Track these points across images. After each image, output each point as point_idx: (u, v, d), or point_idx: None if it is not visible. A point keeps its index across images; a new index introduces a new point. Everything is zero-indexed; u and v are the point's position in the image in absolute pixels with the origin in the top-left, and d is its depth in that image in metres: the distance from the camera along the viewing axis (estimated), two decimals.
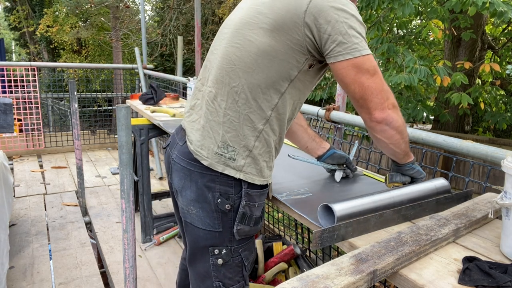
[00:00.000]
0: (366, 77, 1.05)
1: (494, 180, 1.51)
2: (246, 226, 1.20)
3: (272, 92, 1.12)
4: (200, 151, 1.17)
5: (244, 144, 1.14)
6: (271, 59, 1.09)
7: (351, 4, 1.09)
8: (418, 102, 5.44)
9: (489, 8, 4.10)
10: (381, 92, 1.07)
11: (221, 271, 1.24)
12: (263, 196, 1.22)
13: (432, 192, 1.23)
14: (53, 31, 13.11)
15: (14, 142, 4.88)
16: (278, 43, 1.08)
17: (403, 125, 1.13)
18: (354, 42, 1.04)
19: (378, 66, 1.08)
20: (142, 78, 5.13)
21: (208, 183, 1.16)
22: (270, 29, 1.09)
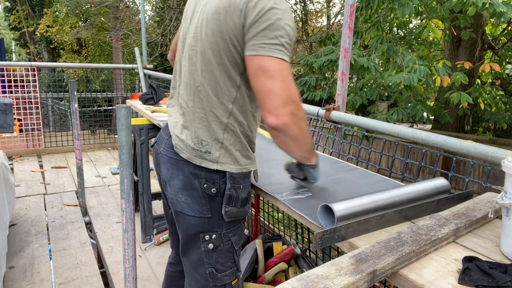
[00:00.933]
0: (266, 78, 1.07)
1: (494, 180, 1.51)
2: (233, 208, 1.26)
3: (230, 86, 1.18)
4: (180, 145, 1.27)
5: (215, 138, 1.22)
6: (220, 56, 1.16)
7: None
8: (418, 102, 5.44)
9: (488, 9, 4.10)
10: (278, 96, 1.06)
11: (212, 256, 1.29)
12: (247, 178, 1.29)
13: (432, 192, 1.23)
14: (53, 31, 13.11)
15: (14, 142, 4.88)
16: (222, 40, 1.15)
17: (301, 133, 1.13)
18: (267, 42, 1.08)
19: (289, 70, 1.09)
20: (142, 78, 5.13)
21: (194, 171, 1.24)
22: (215, 28, 1.16)
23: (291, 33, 1.11)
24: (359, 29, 5.52)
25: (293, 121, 1.08)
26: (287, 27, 1.09)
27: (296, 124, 1.09)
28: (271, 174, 1.56)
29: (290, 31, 1.11)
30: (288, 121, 1.07)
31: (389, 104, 8.23)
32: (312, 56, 5.89)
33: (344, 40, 2.22)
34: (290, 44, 1.11)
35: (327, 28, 13.04)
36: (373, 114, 5.27)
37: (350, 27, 2.20)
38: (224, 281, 1.33)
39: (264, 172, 1.58)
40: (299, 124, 1.10)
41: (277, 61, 1.07)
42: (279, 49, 1.08)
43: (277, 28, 1.08)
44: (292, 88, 1.09)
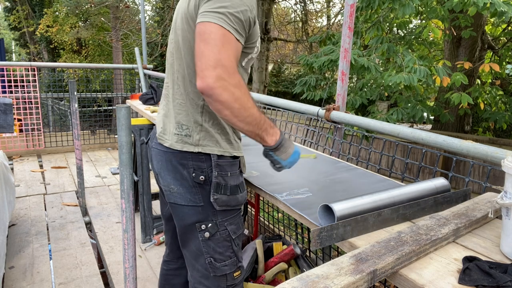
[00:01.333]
0: (200, 41, 1.07)
1: (494, 180, 1.51)
2: (222, 196, 1.26)
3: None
4: (163, 136, 1.31)
5: (194, 121, 1.25)
6: (188, 40, 1.20)
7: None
8: (418, 102, 5.45)
9: (489, 8, 4.10)
10: (206, 58, 1.04)
11: (210, 245, 1.31)
12: (235, 166, 1.30)
13: (432, 191, 1.23)
14: (53, 31, 13.12)
15: (14, 142, 4.88)
16: (187, 25, 1.20)
17: (234, 101, 1.07)
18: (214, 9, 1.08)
19: (228, 39, 1.07)
20: (142, 78, 5.13)
21: (182, 161, 1.26)
22: (182, 17, 1.22)
23: (238, 3, 1.09)
24: (359, 29, 5.52)
25: (220, 85, 1.03)
26: (239, 6, 1.09)
27: (225, 89, 1.04)
28: (271, 174, 1.56)
29: (237, 2, 1.09)
30: (214, 84, 1.03)
31: (389, 104, 8.23)
32: (312, 56, 5.89)
33: (344, 40, 2.22)
34: (235, 15, 1.08)
35: (327, 28, 13.04)
36: (373, 114, 5.28)
37: (350, 27, 2.20)
38: (224, 271, 1.34)
39: (264, 172, 1.58)
40: (229, 90, 1.04)
41: (215, 26, 1.06)
42: (220, 16, 1.06)
43: (226, 2, 1.08)
44: (223, 53, 1.05)
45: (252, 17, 1.15)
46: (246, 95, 1.10)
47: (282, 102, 2.65)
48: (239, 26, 1.10)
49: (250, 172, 1.56)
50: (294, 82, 6.36)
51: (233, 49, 1.08)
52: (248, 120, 1.12)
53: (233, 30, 1.08)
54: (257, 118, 1.14)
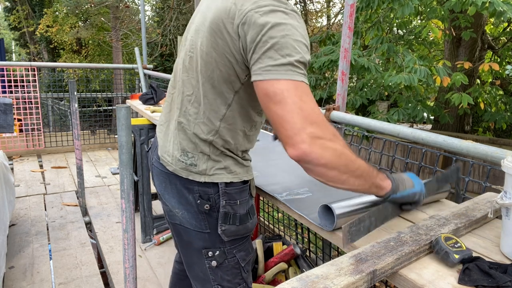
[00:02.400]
0: (274, 104, 0.89)
1: (494, 180, 1.51)
2: (231, 226, 1.15)
3: (219, 103, 1.07)
4: (165, 156, 1.18)
5: (200, 151, 1.12)
6: (213, 69, 1.04)
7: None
8: (418, 102, 5.45)
9: (488, 8, 4.10)
10: (290, 122, 0.87)
11: (218, 273, 1.21)
12: (244, 192, 1.17)
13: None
14: (53, 31, 13.12)
15: (14, 142, 4.88)
16: (216, 53, 1.02)
17: (337, 157, 0.89)
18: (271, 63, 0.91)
19: (302, 89, 0.90)
20: (142, 78, 5.13)
21: (187, 185, 1.14)
22: (211, 38, 1.02)
23: (304, 49, 0.93)
24: (359, 29, 5.52)
25: (317, 146, 0.86)
26: (296, 43, 0.92)
27: (324, 149, 0.87)
28: (271, 174, 1.56)
29: (302, 47, 0.93)
30: (310, 148, 0.86)
31: (389, 104, 8.23)
32: (312, 56, 5.89)
33: (344, 40, 2.22)
34: (302, 62, 0.92)
35: (327, 28, 13.03)
36: (373, 114, 5.28)
37: (350, 27, 2.20)
38: None
39: (264, 172, 1.58)
40: (329, 148, 0.87)
41: (285, 82, 0.89)
42: (288, 69, 0.89)
43: (284, 47, 0.90)
44: (308, 108, 0.88)
45: (306, 44, 0.96)
46: (346, 146, 0.92)
47: None
48: (302, 65, 0.93)
49: None
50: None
51: (311, 99, 0.91)
52: (358, 173, 0.93)
53: (302, 76, 0.91)
54: (366, 168, 0.95)
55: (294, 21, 0.95)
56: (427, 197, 1.12)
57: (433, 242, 0.90)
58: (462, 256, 0.85)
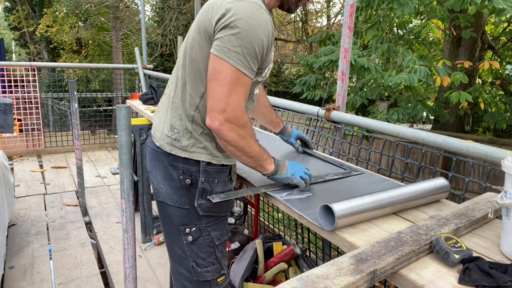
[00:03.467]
0: (216, 80, 1.12)
1: (494, 180, 1.51)
2: (207, 202, 1.28)
3: (199, 81, 1.24)
4: (155, 133, 1.35)
5: (185, 127, 1.27)
6: (196, 50, 1.22)
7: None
8: (418, 102, 5.44)
9: (488, 6, 4.10)
10: (218, 101, 1.12)
11: (193, 249, 1.32)
12: (223, 174, 1.32)
13: (432, 191, 1.23)
14: (52, 31, 13.11)
15: (14, 142, 4.88)
16: (198, 35, 1.21)
17: (240, 140, 1.17)
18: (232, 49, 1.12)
19: (242, 81, 1.13)
20: (142, 78, 5.13)
21: (172, 162, 1.29)
22: (195, 26, 1.24)
23: (259, 48, 1.14)
24: (359, 29, 5.52)
25: (226, 127, 1.13)
26: (255, 40, 1.12)
27: (231, 130, 1.14)
28: None
29: (258, 46, 1.13)
30: (221, 126, 1.13)
31: (389, 104, 8.24)
32: (312, 56, 5.89)
33: (344, 40, 2.22)
34: (252, 55, 1.13)
35: (327, 28, 13.04)
36: (373, 114, 5.27)
37: (350, 27, 2.20)
38: (206, 277, 1.35)
39: None
40: (235, 131, 1.15)
41: (230, 68, 1.11)
42: (238, 58, 1.11)
43: (244, 39, 1.11)
44: (235, 97, 1.12)
45: (267, 45, 1.17)
46: (250, 134, 1.20)
47: (282, 102, 2.65)
48: (253, 63, 1.15)
49: (250, 171, 1.56)
50: (294, 82, 6.36)
51: (244, 90, 1.15)
52: (251, 155, 1.23)
53: (248, 71, 1.14)
54: (258, 153, 1.25)
55: (262, 20, 1.14)
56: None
57: (433, 242, 0.90)
58: (462, 256, 0.85)
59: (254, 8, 1.14)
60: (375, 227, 1.08)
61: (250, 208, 2.86)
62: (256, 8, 1.14)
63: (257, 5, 1.15)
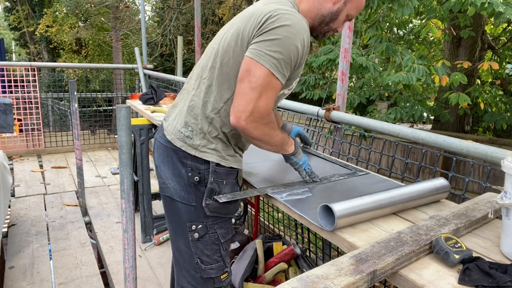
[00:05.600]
0: (248, 82, 1.15)
1: (494, 180, 1.51)
2: (215, 202, 1.30)
3: (226, 87, 1.25)
4: (168, 127, 1.36)
5: (200, 127, 1.28)
6: (229, 57, 1.23)
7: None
8: (417, 101, 5.44)
9: (487, 9, 4.10)
10: (247, 102, 1.14)
11: (198, 246, 1.34)
12: (231, 176, 1.33)
13: (432, 192, 1.23)
14: (52, 31, 13.11)
15: (14, 142, 4.88)
16: (235, 43, 1.22)
17: (264, 135, 1.22)
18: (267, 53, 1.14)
19: (273, 85, 1.16)
20: (142, 78, 5.13)
21: (181, 159, 1.30)
22: (233, 33, 1.24)
23: (294, 56, 1.16)
24: (359, 29, 5.52)
25: (252, 126, 1.17)
26: (292, 48, 1.14)
27: (256, 129, 1.18)
28: (271, 174, 1.56)
29: (294, 54, 1.15)
30: (247, 126, 1.16)
31: (389, 104, 8.23)
32: (311, 55, 5.89)
33: (344, 40, 2.22)
34: (286, 61, 1.15)
35: None
36: (371, 113, 5.27)
37: (350, 27, 2.20)
38: (209, 274, 1.36)
39: (264, 172, 1.58)
40: (259, 129, 1.19)
41: (265, 71, 1.13)
42: (273, 62, 1.13)
43: (282, 46, 1.13)
44: (264, 100, 1.15)
45: (301, 54, 1.19)
46: (274, 128, 1.25)
47: (282, 102, 2.65)
48: (287, 69, 1.17)
49: (250, 172, 1.56)
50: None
51: (274, 94, 1.18)
52: (274, 144, 1.29)
53: (281, 75, 1.16)
54: (280, 141, 1.31)
55: (300, 28, 1.16)
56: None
57: (433, 242, 0.90)
58: (462, 256, 0.85)
59: (295, 17, 1.16)
60: (375, 227, 1.08)
61: (250, 208, 2.86)
62: (298, 18, 1.17)
63: (298, 14, 1.19)
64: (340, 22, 1.31)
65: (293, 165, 1.42)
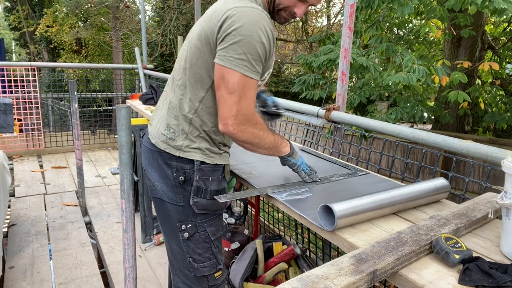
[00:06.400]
0: (225, 89, 1.17)
1: (494, 180, 1.51)
2: (202, 199, 1.32)
3: (199, 86, 1.27)
4: (152, 131, 1.39)
5: (181, 128, 1.31)
6: (197, 57, 1.26)
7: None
8: (417, 101, 5.44)
9: (488, 6, 4.09)
10: (229, 108, 1.18)
11: (189, 245, 1.36)
12: (217, 172, 1.35)
13: (432, 192, 1.23)
14: (52, 31, 13.11)
15: (14, 142, 4.88)
16: (200, 42, 1.25)
17: (254, 138, 1.24)
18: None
19: (249, 86, 1.18)
20: (142, 78, 5.13)
21: (166, 161, 1.33)
22: (199, 33, 1.26)
23: (262, 52, 1.17)
24: (359, 29, 5.52)
25: (240, 129, 1.20)
26: (258, 45, 1.15)
27: (244, 132, 1.21)
28: (270, 174, 1.56)
29: (261, 50, 1.17)
30: (235, 130, 1.20)
31: (389, 104, 8.24)
32: (311, 55, 5.89)
33: (344, 40, 2.22)
34: (258, 61, 1.17)
35: (327, 28, 13.04)
36: (372, 113, 5.27)
37: (350, 27, 2.20)
38: (203, 272, 1.38)
39: (264, 172, 1.58)
40: (248, 132, 1.22)
41: (238, 76, 1.16)
42: (244, 64, 1.15)
43: (247, 45, 1.14)
44: (244, 102, 1.18)
45: (269, 48, 1.20)
46: (263, 130, 1.27)
47: (282, 102, 2.65)
48: (258, 66, 1.19)
49: (250, 172, 1.56)
50: (294, 82, 6.37)
51: (253, 94, 1.21)
52: (266, 147, 1.31)
53: (255, 74, 1.18)
54: (273, 142, 1.32)
55: (263, 24, 1.16)
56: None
57: (434, 242, 0.90)
58: (463, 256, 0.85)
59: (254, 13, 1.17)
60: (375, 227, 1.08)
61: (250, 208, 2.86)
62: (256, 12, 1.17)
63: (257, 9, 1.18)
64: (292, 1, 1.25)
65: (291, 167, 1.42)
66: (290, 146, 1.40)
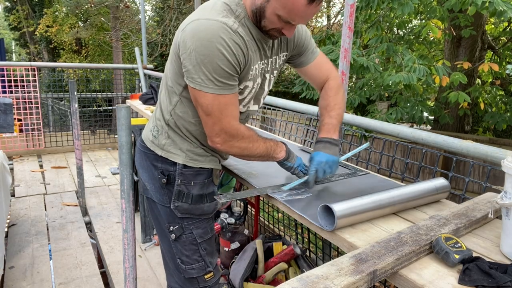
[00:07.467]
0: (201, 111, 1.20)
1: (494, 180, 1.51)
2: (184, 204, 1.33)
3: (172, 92, 1.30)
4: (144, 132, 1.44)
5: (162, 127, 1.34)
6: (170, 64, 1.28)
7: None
8: (417, 102, 5.44)
9: (488, 8, 4.09)
10: (210, 128, 1.21)
11: (178, 247, 1.37)
12: (200, 176, 1.34)
13: (432, 192, 1.23)
14: (52, 31, 13.11)
15: (14, 142, 4.88)
16: (173, 53, 1.25)
17: (242, 151, 1.26)
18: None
19: (225, 102, 1.17)
20: (142, 78, 5.13)
21: (153, 162, 1.35)
22: (173, 44, 1.26)
23: (227, 66, 1.12)
24: (359, 29, 5.51)
25: (227, 146, 1.23)
26: (221, 61, 1.11)
27: (232, 147, 1.23)
28: (270, 174, 1.55)
29: (225, 65, 1.12)
30: (222, 147, 1.23)
31: (389, 104, 8.24)
32: None
33: (344, 40, 2.22)
34: (225, 75, 1.13)
35: (327, 28, 13.03)
36: (372, 113, 5.27)
37: (350, 27, 2.20)
38: (191, 274, 1.38)
39: (264, 172, 1.58)
40: (235, 146, 1.23)
41: (210, 97, 1.15)
42: (211, 86, 1.13)
43: (210, 65, 1.11)
44: (223, 120, 1.18)
45: (234, 57, 1.13)
46: (252, 141, 1.26)
47: (282, 102, 2.65)
48: (228, 79, 1.15)
49: (250, 172, 1.56)
50: (294, 82, 6.38)
51: (232, 108, 1.20)
52: (258, 156, 1.30)
53: (226, 90, 1.16)
54: (264, 151, 1.30)
55: (219, 39, 1.11)
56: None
57: (433, 242, 0.90)
58: (462, 256, 0.85)
59: (213, 27, 1.10)
60: (375, 227, 1.08)
61: (250, 208, 2.86)
62: (216, 26, 1.10)
63: (216, 22, 1.11)
64: (272, 22, 1.14)
65: (288, 170, 1.40)
66: (286, 150, 1.36)
